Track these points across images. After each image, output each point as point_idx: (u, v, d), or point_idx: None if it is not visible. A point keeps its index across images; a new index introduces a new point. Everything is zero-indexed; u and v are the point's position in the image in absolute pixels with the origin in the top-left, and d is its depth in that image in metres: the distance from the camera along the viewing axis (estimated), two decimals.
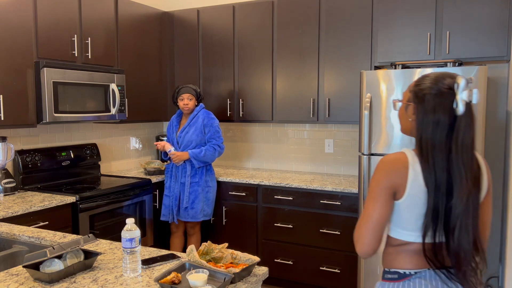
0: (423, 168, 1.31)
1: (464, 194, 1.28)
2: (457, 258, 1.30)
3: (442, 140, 1.30)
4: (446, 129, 1.30)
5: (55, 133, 3.52)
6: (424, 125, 1.32)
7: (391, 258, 1.42)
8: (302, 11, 3.58)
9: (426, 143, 1.31)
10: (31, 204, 2.70)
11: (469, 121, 1.33)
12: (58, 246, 1.61)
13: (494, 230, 3.36)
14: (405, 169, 1.32)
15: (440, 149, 1.30)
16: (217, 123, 3.50)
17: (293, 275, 3.48)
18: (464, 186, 1.28)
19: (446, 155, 1.30)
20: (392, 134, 2.94)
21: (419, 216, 1.32)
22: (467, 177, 1.29)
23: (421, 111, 1.33)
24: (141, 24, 3.89)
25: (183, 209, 3.42)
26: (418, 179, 1.31)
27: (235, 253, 1.65)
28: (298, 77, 3.64)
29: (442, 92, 1.31)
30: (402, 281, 1.37)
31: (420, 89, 1.35)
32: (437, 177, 1.29)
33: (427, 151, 1.31)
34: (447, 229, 1.30)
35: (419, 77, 1.39)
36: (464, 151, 1.30)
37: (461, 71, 2.73)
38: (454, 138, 1.30)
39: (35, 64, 2.97)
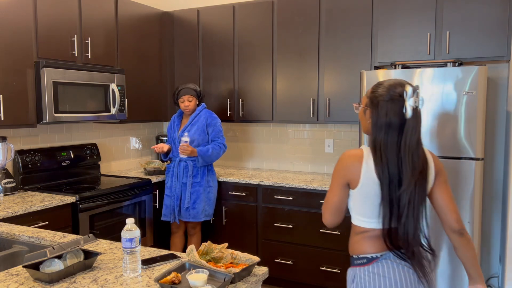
0: (375, 163, 1.52)
1: (410, 185, 1.49)
2: (406, 240, 1.51)
3: (393, 140, 1.51)
4: (397, 131, 1.51)
5: (55, 133, 3.52)
6: (378, 127, 1.53)
7: (357, 246, 1.60)
8: (302, 11, 3.58)
9: (380, 143, 1.53)
10: (31, 204, 2.70)
11: (415, 123, 1.53)
12: (58, 246, 1.61)
13: (495, 230, 3.36)
14: (360, 163, 1.55)
15: (392, 148, 1.51)
16: (220, 123, 3.50)
17: (293, 275, 3.48)
18: (410, 178, 1.49)
19: (396, 153, 1.51)
20: None
21: (374, 205, 1.54)
22: (413, 171, 1.50)
23: (376, 115, 1.54)
24: (141, 24, 3.89)
25: (184, 209, 3.42)
26: (371, 172, 1.53)
27: (235, 253, 1.65)
28: (298, 77, 3.64)
29: (393, 98, 1.52)
30: (371, 264, 1.55)
31: (375, 96, 1.56)
32: (390, 172, 1.50)
33: (380, 150, 1.52)
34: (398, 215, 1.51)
35: (375, 85, 1.59)
36: (411, 149, 1.51)
37: (461, 71, 2.74)
38: (403, 138, 1.51)
39: (35, 64, 2.97)
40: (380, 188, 1.51)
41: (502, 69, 3.27)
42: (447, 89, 2.78)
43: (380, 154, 1.52)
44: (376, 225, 1.56)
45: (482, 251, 3.39)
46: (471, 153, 2.75)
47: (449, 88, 2.77)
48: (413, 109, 1.50)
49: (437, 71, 2.80)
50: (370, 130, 1.58)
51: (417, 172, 1.51)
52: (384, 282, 1.53)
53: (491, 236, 3.37)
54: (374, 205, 1.54)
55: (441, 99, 2.80)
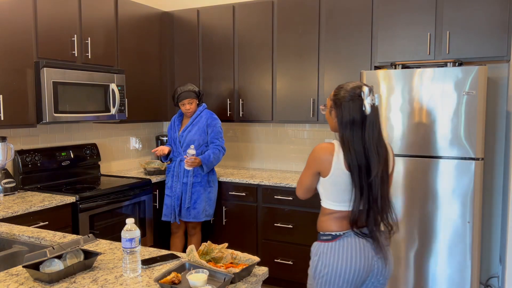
0: (345, 156, 1.75)
1: (379, 171, 1.74)
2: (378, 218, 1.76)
3: (358, 134, 1.74)
4: (360, 126, 1.74)
5: (55, 133, 3.52)
6: (344, 125, 1.77)
7: (324, 224, 1.84)
8: (302, 11, 3.58)
9: (347, 138, 1.75)
10: (31, 204, 2.70)
11: (374, 118, 1.75)
12: (58, 246, 1.61)
13: (495, 230, 3.36)
14: (331, 156, 1.78)
15: (358, 141, 1.74)
16: (219, 124, 3.50)
17: (293, 275, 3.48)
18: (377, 165, 1.73)
19: (362, 145, 1.73)
20: (392, 135, 2.94)
21: (342, 191, 1.78)
22: (379, 160, 1.74)
23: (340, 114, 1.78)
24: (141, 24, 3.89)
25: (185, 209, 3.42)
26: (341, 164, 1.76)
27: (235, 253, 1.65)
28: (298, 77, 3.64)
29: (353, 99, 1.75)
30: (335, 240, 1.79)
31: (337, 98, 1.80)
32: (358, 162, 1.73)
33: (348, 144, 1.75)
34: (369, 199, 1.74)
35: (336, 88, 1.83)
36: (374, 140, 1.74)
37: (461, 71, 2.74)
38: (366, 132, 1.74)
39: (35, 64, 2.97)
40: (351, 177, 1.74)
41: (502, 69, 3.27)
42: (447, 89, 2.78)
43: (348, 148, 1.74)
44: (342, 207, 1.80)
45: (482, 251, 3.39)
46: (471, 153, 2.75)
47: (449, 88, 2.77)
48: (371, 106, 1.74)
49: (437, 71, 2.80)
50: (337, 128, 1.81)
51: (382, 159, 1.76)
52: (343, 256, 1.76)
53: (491, 236, 3.37)
54: (342, 191, 1.78)
55: (441, 99, 2.80)
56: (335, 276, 1.77)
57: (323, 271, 1.80)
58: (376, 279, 1.83)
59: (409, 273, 2.95)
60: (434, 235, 2.86)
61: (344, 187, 1.77)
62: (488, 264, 3.40)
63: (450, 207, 2.81)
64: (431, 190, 2.86)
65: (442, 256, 2.86)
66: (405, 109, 2.90)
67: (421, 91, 2.84)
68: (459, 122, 2.76)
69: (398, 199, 2.95)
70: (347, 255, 1.76)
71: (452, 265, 2.84)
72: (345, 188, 1.77)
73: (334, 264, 1.77)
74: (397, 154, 2.94)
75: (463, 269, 2.81)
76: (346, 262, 1.75)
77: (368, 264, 1.77)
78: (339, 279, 1.77)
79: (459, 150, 2.78)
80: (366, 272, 1.78)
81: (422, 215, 2.89)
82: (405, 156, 2.92)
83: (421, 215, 2.89)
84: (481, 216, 2.81)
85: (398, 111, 2.91)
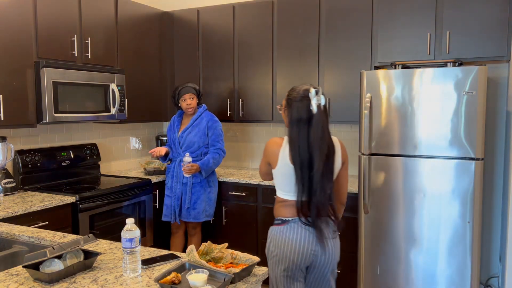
0: (290, 150, 1.93)
1: (320, 167, 1.89)
2: (317, 209, 1.92)
3: (304, 131, 1.90)
4: (306, 124, 1.90)
5: (55, 133, 3.52)
6: (292, 122, 1.94)
7: (277, 211, 2.06)
8: (302, 11, 3.58)
9: (293, 134, 1.93)
10: (31, 204, 2.70)
11: (320, 117, 1.90)
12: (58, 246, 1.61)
13: (495, 230, 3.36)
14: (278, 150, 1.99)
15: (303, 137, 1.90)
16: (220, 127, 3.49)
17: None
18: (319, 161, 1.88)
19: (307, 141, 1.90)
20: (392, 134, 2.94)
21: (288, 182, 1.97)
22: (321, 155, 1.89)
23: (290, 112, 1.96)
24: (141, 24, 3.89)
25: (185, 209, 3.42)
26: (286, 157, 1.95)
27: (235, 253, 1.65)
28: (298, 77, 3.64)
29: (302, 99, 1.92)
30: (284, 225, 2.00)
31: (289, 99, 1.98)
32: (301, 157, 1.90)
33: (293, 139, 1.92)
34: (311, 191, 1.91)
35: (290, 90, 2.01)
36: (318, 137, 1.89)
37: (461, 71, 2.74)
38: (311, 129, 1.89)
39: (35, 64, 2.97)
40: (294, 170, 1.92)
41: (502, 69, 3.27)
42: (447, 89, 2.78)
43: (293, 143, 1.92)
44: (291, 197, 1.99)
45: (482, 251, 3.39)
46: (471, 153, 2.75)
47: (449, 88, 2.77)
48: (317, 106, 1.89)
49: (437, 71, 2.80)
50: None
51: (324, 155, 1.90)
52: (289, 239, 1.96)
53: (491, 236, 3.37)
54: (288, 182, 1.97)
55: (441, 99, 2.80)
56: (283, 256, 1.97)
57: (274, 251, 2.01)
58: (318, 269, 2.01)
59: (409, 273, 2.95)
60: (434, 235, 2.86)
61: (290, 179, 1.95)
62: (488, 264, 3.40)
63: (450, 207, 2.81)
64: (431, 190, 2.86)
65: (442, 256, 2.86)
66: (405, 109, 2.90)
67: (421, 91, 2.84)
68: (459, 122, 2.76)
69: (397, 198, 2.95)
70: (293, 239, 1.95)
71: (452, 265, 2.84)
72: (291, 180, 1.95)
73: (282, 245, 1.97)
74: (397, 154, 2.94)
75: (463, 269, 2.81)
76: (291, 244, 1.95)
77: (311, 249, 1.95)
78: (286, 259, 1.96)
79: (459, 150, 2.78)
80: (309, 257, 1.96)
81: (422, 215, 2.89)
82: (405, 156, 2.92)
83: (421, 215, 2.89)
84: (481, 216, 2.80)
85: (398, 111, 2.91)
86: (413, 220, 2.92)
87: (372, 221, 3.04)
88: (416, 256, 2.92)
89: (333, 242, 2.01)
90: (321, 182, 1.90)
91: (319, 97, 1.89)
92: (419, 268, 2.92)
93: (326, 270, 2.02)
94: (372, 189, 3.03)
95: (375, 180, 3.01)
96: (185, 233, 3.63)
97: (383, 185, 2.99)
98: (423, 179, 2.87)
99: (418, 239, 2.91)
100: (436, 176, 2.84)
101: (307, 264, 1.98)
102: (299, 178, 1.91)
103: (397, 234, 2.97)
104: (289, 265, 1.96)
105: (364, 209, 3.05)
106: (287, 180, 1.97)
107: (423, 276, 2.91)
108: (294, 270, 1.97)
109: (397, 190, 2.95)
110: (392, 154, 2.96)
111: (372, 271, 3.06)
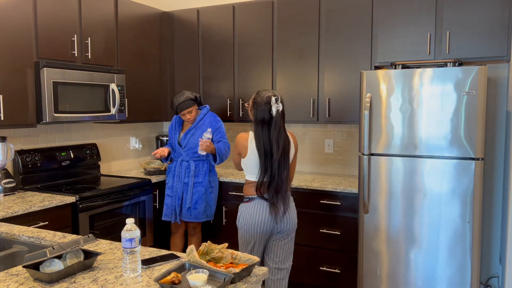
0: (256, 143, 2.47)
1: (277, 157, 2.43)
2: (275, 189, 2.46)
3: (265, 129, 2.45)
4: (267, 123, 2.45)
5: (55, 133, 3.52)
6: (257, 121, 2.48)
7: (246, 191, 2.59)
8: (302, 11, 3.58)
9: (258, 131, 2.46)
10: (31, 204, 2.70)
11: (278, 119, 2.44)
12: (58, 246, 1.61)
13: (495, 230, 3.36)
14: (246, 142, 2.54)
15: (265, 134, 2.45)
16: (223, 126, 3.48)
17: (293, 275, 3.48)
18: (277, 152, 2.43)
19: (268, 137, 2.44)
20: (392, 134, 2.94)
21: (254, 167, 2.51)
22: (278, 148, 2.43)
23: (255, 113, 2.49)
24: (141, 24, 3.89)
25: (185, 209, 3.42)
26: (253, 149, 2.49)
27: (235, 253, 1.65)
28: (298, 77, 3.65)
29: (265, 104, 2.45)
30: (250, 202, 2.53)
31: (255, 102, 2.49)
32: (264, 148, 2.44)
33: (258, 136, 2.46)
34: (271, 174, 2.45)
35: (255, 94, 2.52)
36: (275, 134, 2.43)
37: (461, 71, 2.74)
38: (271, 128, 2.43)
39: (35, 64, 2.97)
40: (259, 158, 2.46)
41: (502, 69, 3.27)
42: (447, 89, 2.78)
43: (258, 138, 2.46)
44: (255, 179, 2.52)
45: (482, 251, 3.40)
46: (471, 153, 2.75)
47: (449, 88, 2.77)
48: (276, 111, 2.42)
49: (437, 71, 2.80)
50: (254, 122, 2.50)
51: (281, 148, 2.43)
52: (253, 212, 2.50)
53: (491, 236, 3.37)
54: (254, 167, 2.51)
55: (441, 99, 2.80)
56: (249, 226, 2.50)
57: (242, 223, 2.54)
58: (279, 233, 2.56)
59: (409, 273, 2.95)
60: (434, 235, 2.86)
61: (256, 165, 2.50)
62: (488, 264, 3.40)
63: (450, 207, 2.82)
64: (431, 190, 2.86)
65: (442, 256, 2.86)
66: (405, 109, 2.90)
67: (421, 91, 2.84)
68: (459, 122, 2.76)
69: (398, 198, 2.95)
70: (255, 212, 2.50)
71: (452, 265, 2.84)
72: (256, 165, 2.49)
73: (248, 217, 2.51)
74: (397, 154, 2.94)
75: (463, 269, 2.81)
76: (254, 216, 2.49)
77: (269, 220, 2.49)
78: (251, 228, 2.50)
79: (459, 150, 2.78)
80: (269, 226, 2.50)
81: (422, 215, 2.89)
82: (405, 156, 2.92)
83: (421, 215, 2.89)
84: (481, 216, 2.80)
85: (398, 111, 2.91)
86: (413, 220, 2.92)
87: (372, 221, 3.04)
88: (416, 256, 2.93)
89: (289, 212, 2.54)
90: (278, 169, 2.45)
91: (278, 104, 2.43)
92: (419, 268, 2.92)
93: (285, 234, 2.57)
94: (372, 189, 3.03)
95: (375, 180, 3.02)
96: (185, 233, 3.63)
97: (383, 185, 2.99)
98: (423, 179, 2.87)
99: (418, 239, 2.91)
100: (436, 176, 2.84)
101: (269, 232, 2.52)
102: (262, 164, 2.46)
103: (397, 234, 2.97)
104: (254, 233, 2.50)
105: (364, 209, 3.05)
106: (254, 166, 2.51)
107: (423, 276, 2.91)
108: (258, 237, 2.51)
109: (397, 190, 2.95)
110: (392, 154, 2.96)
111: (372, 271, 3.06)
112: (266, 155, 2.42)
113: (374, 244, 3.04)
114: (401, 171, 2.93)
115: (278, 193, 2.46)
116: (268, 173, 2.44)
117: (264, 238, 2.53)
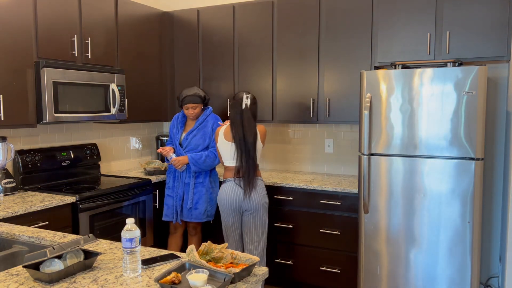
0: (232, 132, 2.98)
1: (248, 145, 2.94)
2: (248, 171, 2.95)
3: (238, 121, 2.96)
4: (240, 116, 2.97)
5: (55, 133, 3.52)
6: (232, 116, 3.01)
7: (224, 175, 3.09)
8: (302, 11, 3.58)
9: (233, 123, 2.98)
10: (31, 204, 2.70)
11: (247, 111, 2.97)
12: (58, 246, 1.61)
13: (495, 230, 3.36)
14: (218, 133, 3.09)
15: (238, 125, 2.96)
16: None
17: (293, 275, 3.48)
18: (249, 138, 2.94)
19: (241, 127, 2.95)
20: (392, 134, 2.94)
21: (229, 154, 3.03)
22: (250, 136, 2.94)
23: (232, 108, 3.02)
24: (141, 24, 3.89)
25: (186, 209, 3.41)
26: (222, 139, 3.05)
27: (235, 253, 1.65)
28: (298, 77, 3.65)
29: (239, 100, 2.99)
30: (224, 183, 3.05)
31: (234, 100, 3.01)
32: (239, 136, 2.94)
33: (233, 126, 2.98)
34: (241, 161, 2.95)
35: (235, 94, 3.06)
36: (246, 125, 2.95)
37: (461, 71, 2.74)
38: (243, 120, 2.95)
39: (35, 64, 2.97)
40: (235, 145, 2.96)
41: (502, 69, 3.27)
42: (447, 89, 2.78)
43: (233, 128, 2.97)
44: (230, 164, 3.04)
45: (482, 251, 3.40)
46: (471, 153, 2.75)
47: (449, 88, 2.77)
48: (245, 105, 2.97)
49: (437, 71, 2.80)
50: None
51: (251, 138, 2.95)
52: (226, 191, 3.02)
53: (491, 236, 3.37)
54: (231, 154, 3.02)
55: (441, 99, 2.80)
56: (223, 202, 3.03)
57: (220, 201, 3.06)
58: (246, 211, 3.00)
59: (409, 273, 2.95)
60: (434, 235, 2.86)
61: (232, 152, 3.00)
62: (488, 264, 3.40)
63: (450, 207, 2.82)
64: (431, 190, 2.86)
65: (442, 256, 2.86)
66: (405, 109, 2.90)
67: (421, 91, 2.84)
68: (459, 122, 2.76)
69: (398, 198, 2.95)
70: (228, 191, 3.02)
71: (452, 265, 2.84)
72: (232, 152, 3.00)
73: (223, 195, 3.04)
74: (397, 154, 2.94)
75: (463, 269, 2.81)
76: (227, 194, 3.01)
77: (239, 198, 2.98)
78: (223, 204, 3.04)
79: (459, 150, 2.78)
80: (238, 202, 2.99)
81: (422, 215, 2.89)
82: (405, 156, 2.92)
83: (421, 215, 2.89)
84: (481, 216, 2.80)
85: (398, 111, 2.92)
86: (413, 220, 2.92)
87: (372, 221, 3.04)
88: (416, 256, 2.93)
89: (256, 193, 2.97)
90: (246, 156, 2.95)
91: (247, 100, 2.97)
92: (419, 268, 2.92)
93: (252, 211, 3.00)
94: (372, 189, 3.03)
95: (375, 180, 3.02)
96: (183, 233, 3.63)
97: (383, 185, 2.99)
98: (423, 179, 2.87)
99: (418, 239, 2.91)
100: (436, 176, 2.84)
101: (239, 207, 3.00)
102: (237, 150, 2.96)
103: (397, 234, 2.97)
104: (227, 208, 3.03)
105: (364, 209, 3.05)
106: (231, 152, 3.01)
107: (423, 276, 2.92)
108: (230, 211, 3.02)
109: (397, 190, 2.95)
110: (392, 154, 2.96)
111: (372, 271, 3.06)
112: (241, 143, 2.94)
113: (374, 244, 3.04)
114: (401, 171, 2.93)
115: (244, 176, 2.95)
116: (243, 158, 2.94)
117: (236, 213, 3.03)
